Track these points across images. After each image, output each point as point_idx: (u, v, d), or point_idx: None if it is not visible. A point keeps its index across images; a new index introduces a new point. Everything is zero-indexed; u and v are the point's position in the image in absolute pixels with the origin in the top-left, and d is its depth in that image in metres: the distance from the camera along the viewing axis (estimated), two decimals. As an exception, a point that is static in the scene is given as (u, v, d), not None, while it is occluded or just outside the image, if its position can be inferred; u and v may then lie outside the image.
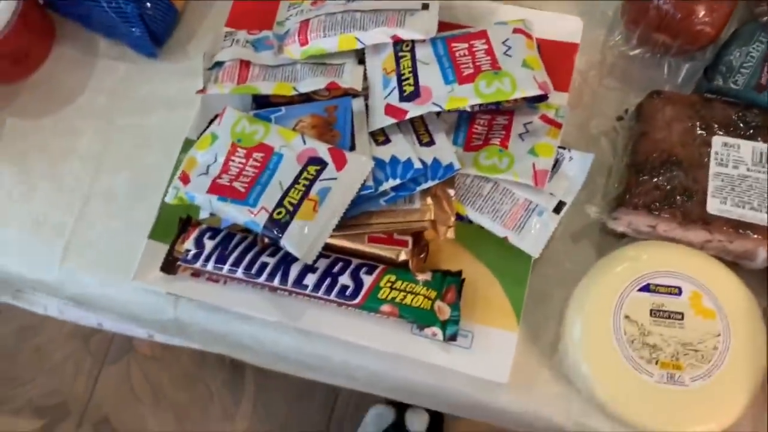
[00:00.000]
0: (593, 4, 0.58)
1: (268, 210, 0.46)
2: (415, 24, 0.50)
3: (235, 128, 0.49)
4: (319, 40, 0.51)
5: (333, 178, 0.46)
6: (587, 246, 0.52)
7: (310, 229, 0.45)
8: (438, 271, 0.49)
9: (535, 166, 0.48)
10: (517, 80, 0.48)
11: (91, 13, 0.59)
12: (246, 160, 0.48)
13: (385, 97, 0.50)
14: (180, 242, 0.51)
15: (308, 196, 0.46)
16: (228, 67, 0.53)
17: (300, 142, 0.48)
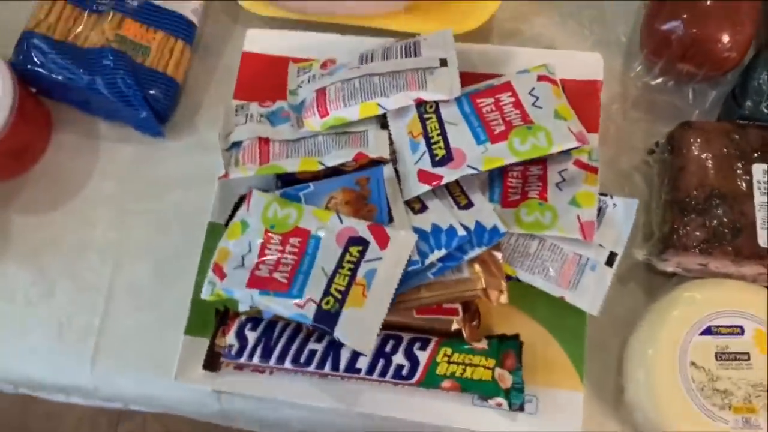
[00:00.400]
0: (606, 32, 0.57)
1: (315, 300, 0.44)
2: (438, 84, 0.48)
3: (266, 213, 0.47)
4: (339, 111, 0.49)
5: (378, 258, 0.44)
6: (635, 288, 0.51)
7: (363, 317, 0.43)
8: (493, 336, 0.47)
9: (580, 218, 0.46)
10: (552, 134, 0.46)
11: (89, 99, 0.56)
12: (283, 247, 0.46)
13: (416, 162, 0.48)
14: (220, 336, 0.49)
15: (355, 281, 0.44)
16: (247, 146, 0.50)
17: (336, 221, 0.46)
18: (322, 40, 0.55)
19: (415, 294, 0.46)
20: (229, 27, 0.61)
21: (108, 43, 0.54)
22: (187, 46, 0.57)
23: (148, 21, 0.56)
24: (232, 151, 0.51)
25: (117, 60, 0.54)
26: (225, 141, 0.51)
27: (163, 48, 0.56)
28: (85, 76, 0.53)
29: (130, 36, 0.55)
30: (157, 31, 0.56)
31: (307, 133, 0.50)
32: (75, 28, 0.55)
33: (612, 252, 0.46)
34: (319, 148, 0.50)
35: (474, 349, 0.46)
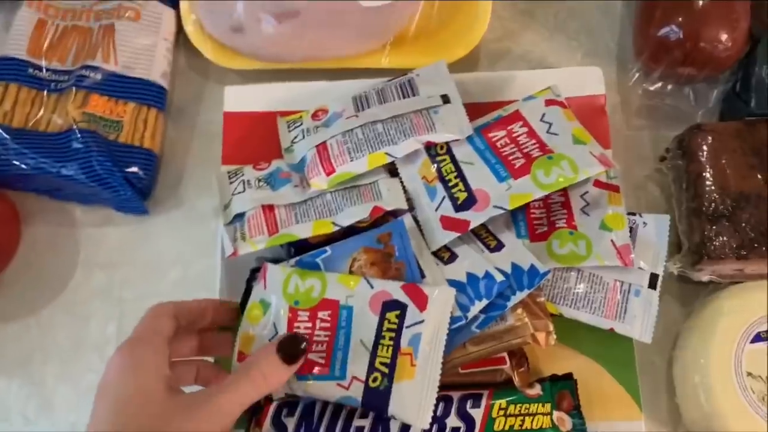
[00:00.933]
0: (594, 41, 0.56)
1: (361, 379, 0.40)
2: (446, 125, 0.46)
3: (287, 289, 0.43)
4: (346, 165, 0.46)
5: (420, 321, 0.41)
6: (670, 301, 0.50)
7: (416, 388, 0.40)
8: (545, 379, 0.45)
9: (614, 243, 0.45)
10: (576, 161, 0.44)
11: (60, 186, 0.51)
12: (312, 324, 0.42)
13: (437, 209, 0.45)
14: (254, 427, 0.45)
15: (400, 351, 0.41)
16: (251, 217, 0.46)
17: (366, 286, 0.43)
18: (308, 90, 0.52)
19: (461, 352, 0.43)
20: (201, 85, 0.57)
21: (75, 124, 0.49)
22: (161, 113, 0.53)
23: (116, 93, 0.51)
24: (235, 224, 0.47)
25: (88, 141, 0.49)
26: (226, 214, 0.47)
27: (135, 120, 0.51)
28: (56, 164, 0.49)
29: (98, 112, 0.50)
30: (127, 102, 0.51)
31: (313, 193, 0.47)
32: (35, 112, 0.50)
33: (653, 273, 0.45)
34: (330, 208, 0.46)
35: (528, 396, 0.44)
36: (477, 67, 0.56)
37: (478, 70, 0.56)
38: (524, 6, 0.57)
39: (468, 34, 0.53)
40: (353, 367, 0.41)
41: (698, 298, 0.49)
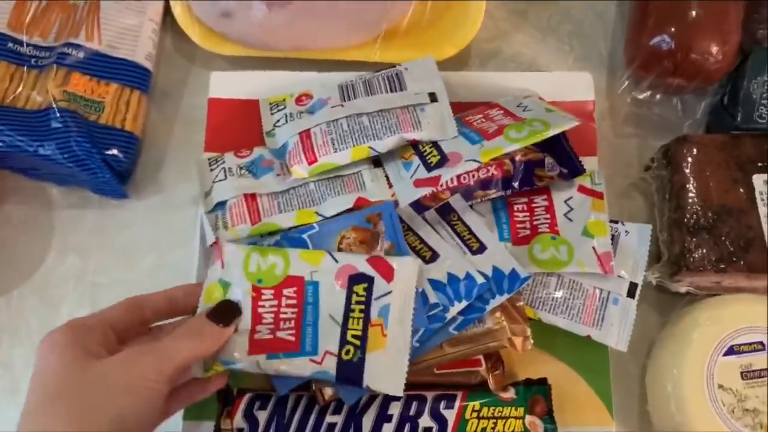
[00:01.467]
0: (586, 46, 0.56)
1: (334, 353, 0.40)
2: (432, 124, 0.46)
3: (248, 268, 0.42)
4: (329, 156, 0.45)
5: (387, 292, 0.41)
6: (648, 309, 0.50)
7: (389, 358, 0.40)
8: (519, 383, 0.45)
9: (596, 250, 0.45)
10: (548, 120, 0.46)
11: (37, 165, 0.50)
12: (278, 301, 0.42)
13: (411, 176, 0.46)
14: (225, 418, 0.44)
15: (370, 322, 0.41)
16: (233, 206, 0.46)
17: (331, 261, 0.42)
18: (296, 79, 0.51)
19: (438, 352, 0.43)
20: (186, 69, 0.55)
21: (55, 103, 0.48)
22: (144, 95, 0.52)
23: (99, 73, 0.50)
24: (216, 213, 0.46)
25: (68, 120, 0.47)
26: (207, 202, 0.47)
27: (117, 101, 0.50)
28: (33, 143, 0.47)
29: (80, 92, 0.49)
30: (110, 83, 0.50)
31: (296, 182, 0.46)
32: (13, 88, 0.49)
33: (632, 282, 0.45)
34: (313, 197, 0.46)
35: (502, 400, 0.44)
36: (467, 66, 0.55)
37: (469, 69, 0.55)
38: (518, 7, 0.56)
39: (460, 33, 0.52)
40: (324, 341, 0.41)
41: (675, 308, 0.49)
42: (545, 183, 0.47)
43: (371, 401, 0.43)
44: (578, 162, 0.47)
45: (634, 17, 0.52)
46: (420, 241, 0.45)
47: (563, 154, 0.47)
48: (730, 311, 0.46)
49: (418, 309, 0.42)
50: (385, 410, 0.43)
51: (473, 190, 0.47)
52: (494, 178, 0.46)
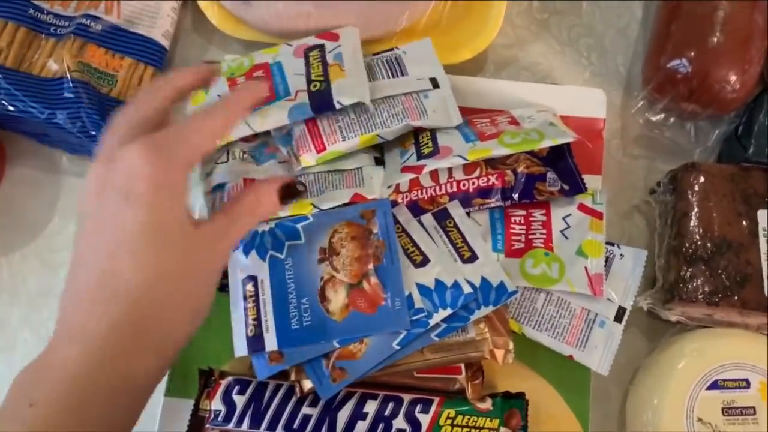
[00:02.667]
0: (604, 62, 0.55)
1: (303, 89, 0.46)
2: (437, 111, 0.46)
3: (224, 72, 0.48)
4: (337, 144, 0.46)
5: (338, 45, 0.48)
6: (636, 334, 0.50)
7: (350, 80, 0.46)
8: (497, 395, 0.45)
9: (588, 271, 0.44)
10: (545, 133, 0.46)
11: (48, 132, 0.51)
12: (249, 79, 0.47)
13: (403, 163, 0.46)
14: (205, 398, 0.45)
15: (329, 65, 0.47)
16: (230, 189, 0.46)
17: (286, 47, 0.49)
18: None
19: (418, 357, 0.43)
20: (202, 49, 0.56)
21: (68, 72, 0.49)
22: (158, 72, 0.52)
23: (114, 46, 0.51)
24: (215, 195, 0.47)
25: (79, 92, 0.48)
26: (207, 182, 0.47)
27: (131, 76, 0.51)
28: (45, 110, 0.48)
29: (94, 64, 0.50)
30: (124, 57, 0.51)
31: (296, 172, 0.47)
32: (30, 54, 0.49)
33: (621, 306, 0.45)
34: (311, 189, 0.46)
35: (478, 410, 0.44)
36: (482, 71, 0.55)
37: (483, 74, 0.55)
38: (540, 16, 0.56)
39: (478, 37, 0.52)
40: (294, 86, 0.46)
41: (664, 336, 0.49)
42: (545, 197, 0.46)
43: (348, 398, 0.44)
44: (581, 180, 0.46)
45: (654, 37, 0.51)
46: (412, 244, 0.45)
47: (567, 171, 0.47)
48: (719, 345, 0.46)
49: (402, 312, 0.42)
50: (361, 408, 0.44)
51: (472, 198, 0.47)
52: (494, 188, 0.46)
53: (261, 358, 0.43)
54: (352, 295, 0.43)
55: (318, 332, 0.42)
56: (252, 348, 0.43)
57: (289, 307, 0.43)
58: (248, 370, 0.46)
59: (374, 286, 0.43)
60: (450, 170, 0.46)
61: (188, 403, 0.45)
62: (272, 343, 0.43)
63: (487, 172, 0.46)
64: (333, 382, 0.42)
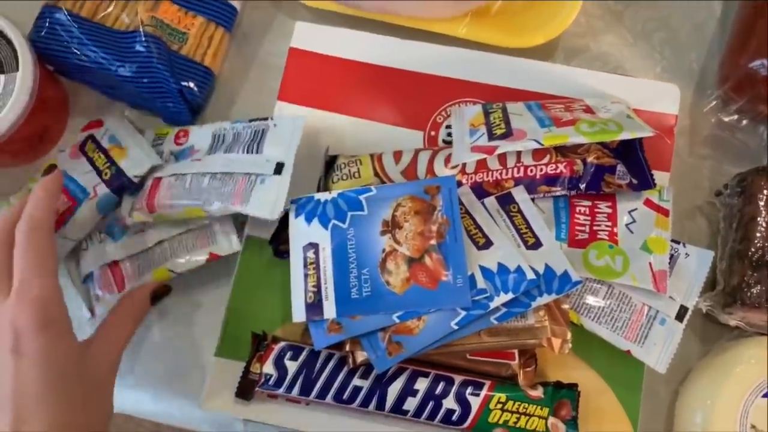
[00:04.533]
0: (677, 57, 0.54)
1: (98, 182, 0.48)
2: (261, 199, 0.44)
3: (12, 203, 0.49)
4: (165, 210, 0.46)
5: (105, 129, 0.51)
6: (691, 336, 0.49)
7: (134, 153, 0.48)
8: (549, 384, 0.44)
9: (652, 266, 0.44)
10: (623, 125, 0.45)
11: (115, 85, 0.51)
12: None
13: (473, 143, 0.45)
14: (256, 362, 0.45)
15: (107, 149, 0.49)
16: (100, 277, 0.49)
17: (60, 154, 0.50)
18: (379, 44, 0.50)
19: (475, 339, 0.43)
20: (270, 14, 0.55)
21: (142, 27, 0.48)
22: (227, 34, 0.52)
23: (188, 4, 0.50)
24: (88, 285, 0.50)
25: (151, 46, 0.48)
26: (78, 273, 0.51)
27: (201, 35, 0.51)
28: (115, 62, 0.48)
29: (167, 20, 0.50)
30: (197, 16, 0.50)
31: (152, 241, 0.48)
32: (105, 5, 0.49)
33: (683, 306, 0.44)
34: (166, 255, 0.48)
35: (529, 397, 0.44)
36: (552, 58, 0.54)
37: (553, 61, 0.54)
38: (615, 6, 0.55)
39: (551, 23, 0.51)
40: (88, 185, 0.48)
41: (720, 339, 0.48)
42: (612, 190, 0.46)
43: (399, 373, 0.44)
44: (650, 175, 0.45)
45: (735, 35, 0.50)
46: (475, 225, 0.44)
47: (637, 165, 0.46)
48: (778, 353, 0.45)
49: (464, 289, 0.42)
50: (412, 384, 0.43)
51: (538, 184, 0.46)
52: (562, 176, 0.46)
53: (319, 328, 0.43)
54: (414, 269, 0.43)
55: (377, 303, 0.42)
56: (311, 314, 0.43)
57: (350, 277, 0.43)
58: (299, 337, 0.46)
59: (436, 261, 0.42)
60: (519, 154, 0.46)
61: (238, 365, 0.46)
62: (331, 310, 0.42)
63: (557, 160, 0.45)
64: (389, 356, 0.42)
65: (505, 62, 0.50)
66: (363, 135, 0.50)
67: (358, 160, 0.47)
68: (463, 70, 0.51)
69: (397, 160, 0.47)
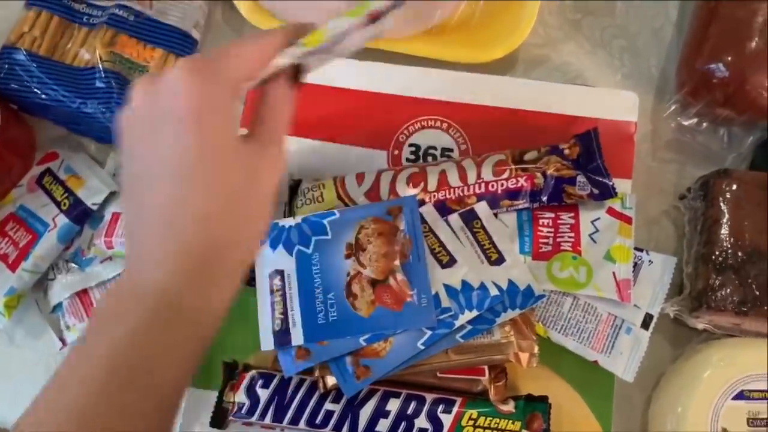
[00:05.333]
0: (637, 64, 0.54)
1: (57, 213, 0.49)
2: None
3: None
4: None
5: (61, 160, 0.51)
6: (661, 340, 0.49)
7: (91, 182, 0.49)
8: (520, 397, 0.45)
9: (615, 276, 0.44)
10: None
11: (78, 121, 0.51)
12: None
13: None
14: (228, 391, 0.45)
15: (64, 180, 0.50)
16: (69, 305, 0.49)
17: (18, 189, 0.51)
18: (338, 66, 0.50)
19: (443, 357, 0.43)
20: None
21: (100, 62, 0.49)
22: (188, 64, 0.52)
23: (146, 37, 0.51)
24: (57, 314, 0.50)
25: (111, 82, 0.48)
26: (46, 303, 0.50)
27: (161, 67, 0.51)
28: (76, 99, 0.48)
29: (126, 54, 0.50)
30: (156, 48, 0.51)
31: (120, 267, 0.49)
32: (63, 43, 0.50)
33: (648, 313, 0.44)
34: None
35: (501, 411, 0.44)
36: (513, 70, 0.55)
37: (514, 73, 0.54)
38: (573, 16, 0.55)
39: (510, 36, 0.51)
40: (47, 217, 0.49)
41: (690, 343, 0.49)
42: (574, 201, 0.46)
43: (370, 395, 0.44)
44: (611, 185, 0.46)
45: (690, 40, 0.50)
46: (439, 244, 0.45)
47: (597, 174, 0.46)
48: (746, 355, 0.45)
49: (428, 309, 0.42)
50: (384, 405, 0.44)
51: (500, 199, 0.46)
52: (523, 189, 0.46)
53: (287, 355, 0.43)
54: (379, 291, 0.43)
55: (344, 327, 0.43)
56: (279, 342, 0.43)
57: (316, 302, 0.43)
58: (271, 364, 0.47)
59: (401, 282, 0.43)
60: (479, 171, 0.46)
61: (211, 394, 0.46)
62: (299, 337, 0.43)
63: (517, 174, 0.46)
64: (357, 380, 0.42)
65: (465, 78, 0.51)
66: (327, 158, 0.50)
67: (321, 184, 0.48)
68: (424, 89, 0.51)
69: (360, 182, 0.47)
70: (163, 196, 0.31)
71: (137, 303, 0.30)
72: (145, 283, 0.30)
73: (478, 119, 0.50)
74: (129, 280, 0.32)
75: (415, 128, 0.51)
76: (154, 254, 0.31)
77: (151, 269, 0.31)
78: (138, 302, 0.30)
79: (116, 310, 0.31)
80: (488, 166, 0.46)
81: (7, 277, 0.49)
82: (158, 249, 0.31)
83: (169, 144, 0.30)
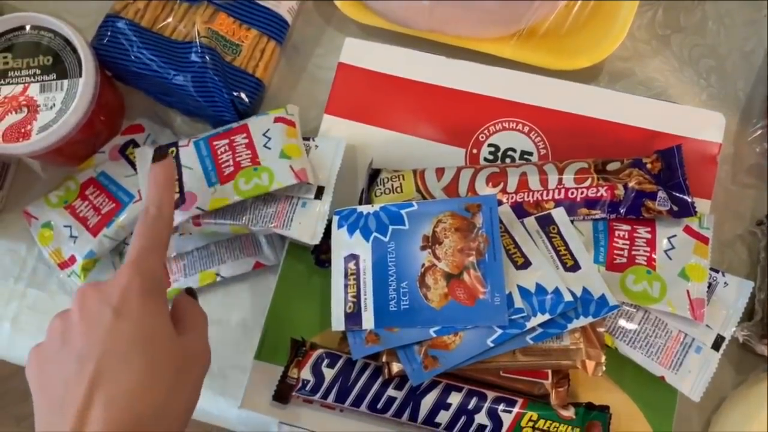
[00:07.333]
0: (724, 85, 0.54)
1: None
2: (302, 225, 0.47)
3: (55, 204, 0.52)
4: (210, 227, 0.48)
5: (148, 134, 0.54)
6: (726, 364, 0.49)
7: None
8: (581, 405, 0.45)
9: (689, 294, 0.44)
10: (275, 173, 0.47)
11: (169, 92, 0.53)
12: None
13: None
14: (294, 367, 0.46)
15: None
16: None
17: (99, 155, 0.53)
18: (425, 61, 0.51)
19: (509, 357, 0.43)
20: (320, 29, 0.57)
21: (198, 38, 0.50)
22: (278, 47, 0.54)
23: (243, 17, 0.52)
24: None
25: (206, 56, 0.50)
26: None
27: (254, 48, 0.52)
28: (171, 71, 0.50)
29: (222, 32, 0.51)
30: (251, 28, 0.52)
31: (198, 243, 0.51)
32: (164, 16, 0.52)
33: (720, 335, 0.44)
34: (213, 259, 0.51)
35: (560, 416, 0.44)
36: (596, 81, 0.55)
37: (597, 83, 0.55)
38: (663, 31, 0.55)
39: (598, 47, 0.52)
40: (131, 188, 0.52)
41: (755, 370, 0.48)
42: (652, 216, 0.46)
43: (433, 385, 0.45)
44: (691, 203, 0.46)
45: (784, 66, 0.50)
46: (515, 245, 0.45)
47: (678, 191, 0.46)
48: (815, 388, 0.45)
49: (501, 308, 0.42)
50: (445, 397, 0.44)
51: (578, 207, 0.47)
52: (602, 200, 0.46)
53: (357, 338, 0.44)
54: (452, 285, 0.43)
55: (415, 316, 0.43)
56: (349, 324, 0.44)
57: (389, 289, 0.44)
58: (336, 345, 0.47)
59: (475, 279, 0.43)
60: (560, 177, 0.46)
61: (276, 368, 0.47)
62: (369, 321, 0.44)
63: (598, 183, 0.46)
64: (425, 369, 0.43)
65: (550, 84, 0.51)
66: (406, 150, 0.51)
67: (401, 175, 0.48)
68: (507, 90, 0.51)
69: (439, 177, 0.48)
70: (90, 374, 0.34)
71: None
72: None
73: (560, 125, 0.50)
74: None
75: (496, 129, 0.51)
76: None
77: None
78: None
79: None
80: (570, 172, 0.46)
81: (87, 240, 0.51)
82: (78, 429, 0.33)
83: (103, 331, 0.35)
